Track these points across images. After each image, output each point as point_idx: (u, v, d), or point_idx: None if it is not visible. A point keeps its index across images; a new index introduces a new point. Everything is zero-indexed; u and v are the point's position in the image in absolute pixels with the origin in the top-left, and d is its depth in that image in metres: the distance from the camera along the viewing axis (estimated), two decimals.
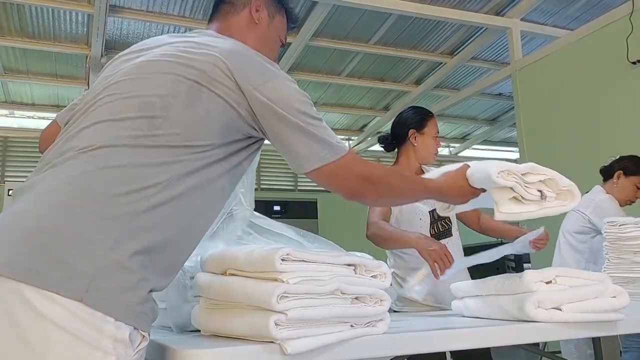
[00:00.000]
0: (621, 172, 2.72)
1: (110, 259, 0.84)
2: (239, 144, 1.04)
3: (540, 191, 1.24)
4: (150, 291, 0.90)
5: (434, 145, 2.18)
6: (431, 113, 2.23)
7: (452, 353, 2.11)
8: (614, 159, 2.81)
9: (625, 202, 2.73)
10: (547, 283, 1.25)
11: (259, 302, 0.94)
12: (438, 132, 2.20)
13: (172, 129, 0.95)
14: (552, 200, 1.24)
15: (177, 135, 0.95)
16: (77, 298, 0.80)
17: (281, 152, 1.06)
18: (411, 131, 2.15)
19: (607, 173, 2.80)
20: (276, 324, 0.90)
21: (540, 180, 1.25)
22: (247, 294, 0.97)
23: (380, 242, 2.00)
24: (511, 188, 1.22)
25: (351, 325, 1.01)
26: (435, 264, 1.74)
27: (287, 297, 0.92)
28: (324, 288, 0.96)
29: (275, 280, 0.93)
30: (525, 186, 1.23)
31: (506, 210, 1.23)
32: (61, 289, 0.80)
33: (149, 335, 0.90)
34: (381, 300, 1.05)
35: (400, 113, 2.26)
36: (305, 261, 0.97)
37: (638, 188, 2.70)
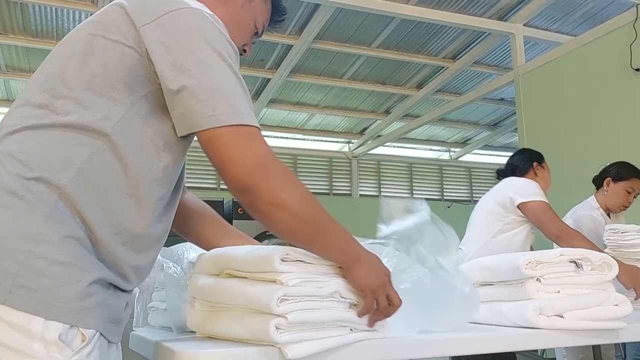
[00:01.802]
0: (609, 179, 2.73)
1: (35, 253, 0.75)
2: (158, 95, 0.86)
3: (574, 262, 1.25)
4: (98, 282, 0.79)
5: (549, 180, 2.64)
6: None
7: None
8: (603, 167, 2.83)
9: (618, 208, 2.74)
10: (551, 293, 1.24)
11: (258, 305, 0.92)
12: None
13: (73, 98, 0.83)
14: (588, 269, 1.25)
15: (80, 104, 0.83)
16: (0, 301, 0.72)
17: (171, 109, 0.85)
18: (535, 163, 2.61)
19: (597, 182, 2.81)
20: (277, 328, 0.88)
21: (571, 260, 1.26)
22: (246, 296, 0.95)
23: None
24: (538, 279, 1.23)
25: (350, 330, 1.00)
26: None
27: (287, 299, 0.90)
28: (324, 290, 0.95)
29: (274, 281, 0.91)
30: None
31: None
32: None
33: (105, 335, 0.80)
34: None
35: (516, 153, 2.77)
36: (304, 262, 0.94)
37: (629, 192, 2.70)
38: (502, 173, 2.68)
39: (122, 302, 0.87)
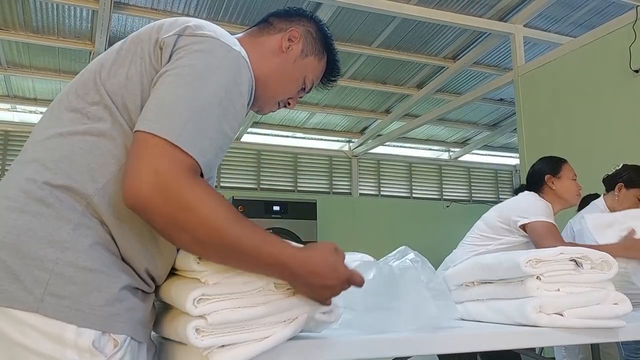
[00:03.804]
0: (622, 184, 2.65)
1: (64, 261, 0.76)
2: None
3: (574, 260, 1.26)
4: (126, 288, 0.81)
5: (574, 186, 2.45)
6: (564, 159, 2.54)
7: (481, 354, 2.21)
8: (617, 167, 2.75)
9: None
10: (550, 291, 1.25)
11: (179, 305, 0.86)
12: (575, 175, 2.48)
13: (104, 105, 0.85)
14: (587, 268, 1.26)
15: (111, 112, 0.85)
16: (33, 309, 0.73)
17: None
18: (547, 176, 2.44)
19: (609, 184, 2.74)
20: (197, 331, 0.81)
21: (571, 259, 1.26)
22: (171, 296, 0.90)
23: None
24: (538, 277, 1.24)
25: (284, 321, 0.88)
26: None
27: (207, 299, 0.83)
28: (254, 284, 0.85)
29: (198, 280, 0.85)
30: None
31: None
32: (16, 302, 0.73)
33: (135, 338, 0.81)
34: None
35: (532, 165, 2.57)
36: None
37: (639, 200, 2.67)
38: (522, 189, 2.58)
39: (148, 304, 0.88)
